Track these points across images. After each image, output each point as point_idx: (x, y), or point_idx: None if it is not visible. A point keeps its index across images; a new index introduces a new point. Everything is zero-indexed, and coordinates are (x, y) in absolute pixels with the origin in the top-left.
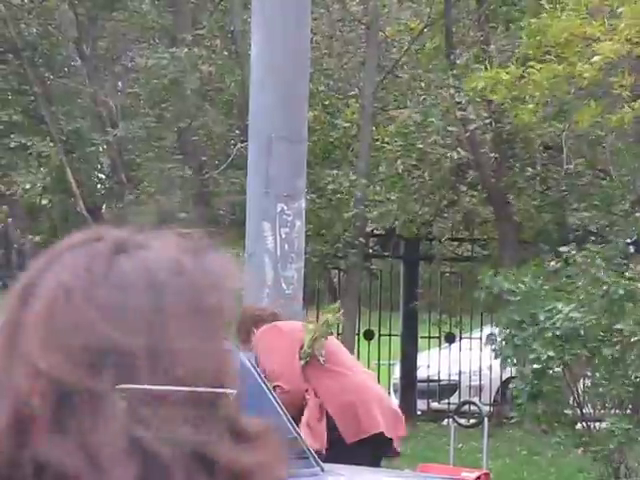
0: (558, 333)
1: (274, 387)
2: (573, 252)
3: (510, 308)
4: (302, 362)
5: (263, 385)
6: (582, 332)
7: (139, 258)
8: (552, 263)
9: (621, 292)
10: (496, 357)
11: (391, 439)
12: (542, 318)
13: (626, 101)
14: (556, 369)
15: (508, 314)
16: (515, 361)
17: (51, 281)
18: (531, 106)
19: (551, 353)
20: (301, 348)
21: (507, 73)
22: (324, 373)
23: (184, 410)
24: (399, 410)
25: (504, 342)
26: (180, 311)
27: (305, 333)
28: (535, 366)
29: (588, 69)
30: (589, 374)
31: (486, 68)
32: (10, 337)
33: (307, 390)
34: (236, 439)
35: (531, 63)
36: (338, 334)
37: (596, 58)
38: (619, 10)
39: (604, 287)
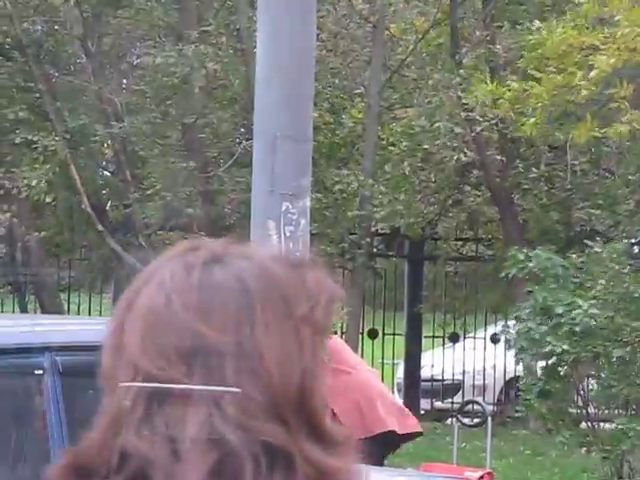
0: (577, 329)
1: None
2: (597, 249)
3: (539, 289)
4: None
5: None
6: (599, 330)
7: (232, 267)
8: (574, 256)
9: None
10: (509, 348)
11: (398, 437)
12: (560, 312)
13: (624, 113)
14: (565, 368)
15: (542, 294)
16: (531, 353)
17: (152, 288)
18: (532, 120)
19: (566, 347)
20: None
21: (509, 90)
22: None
23: (266, 408)
24: (404, 407)
25: (519, 334)
26: (269, 317)
27: None
28: (545, 363)
29: (585, 85)
30: (594, 373)
31: (489, 79)
32: (117, 339)
33: None
34: (319, 441)
35: (531, 73)
36: (342, 333)
37: (593, 73)
38: (616, 18)
39: (625, 284)
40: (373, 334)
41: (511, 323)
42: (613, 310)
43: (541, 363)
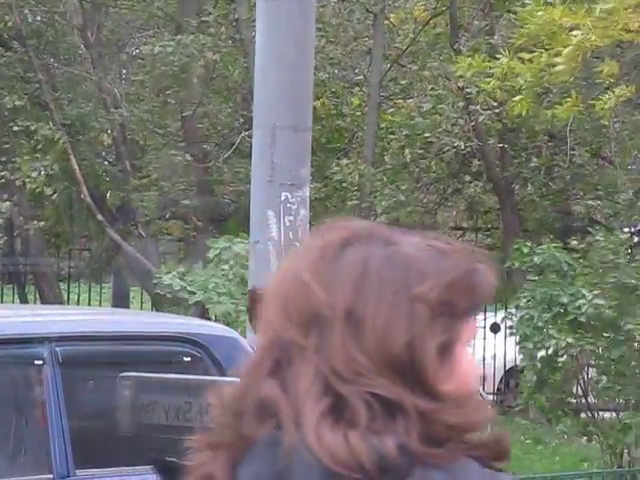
0: (582, 319)
1: None
2: (600, 237)
3: (539, 282)
4: None
5: None
6: (603, 321)
7: (362, 249)
8: (575, 242)
9: (633, 282)
10: (512, 335)
11: None
12: (565, 301)
13: (609, 88)
14: (564, 358)
15: (539, 287)
16: (534, 340)
17: (294, 259)
18: (518, 97)
19: (570, 340)
20: None
21: (499, 66)
22: None
23: (371, 367)
24: None
25: (521, 321)
26: (383, 292)
27: None
28: (543, 354)
29: (560, 61)
30: (593, 362)
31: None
32: (261, 308)
33: None
34: (432, 397)
35: (521, 55)
36: None
37: (566, 50)
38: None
39: (617, 273)
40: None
41: (513, 310)
42: (612, 300)
43: (541, 352)
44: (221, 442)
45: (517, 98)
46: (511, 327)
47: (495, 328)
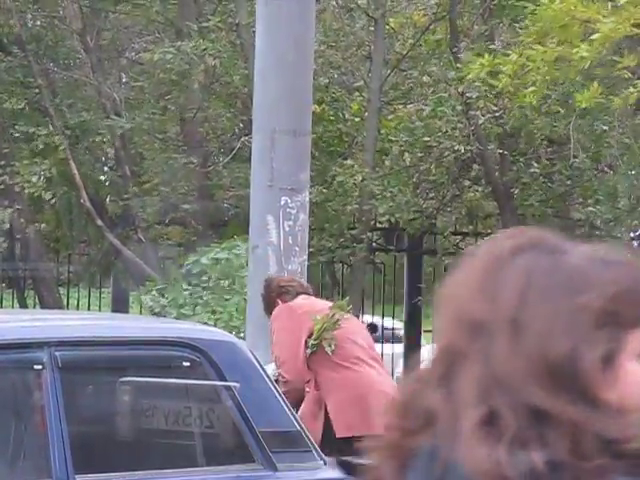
0: None
1: (277, 375)
2: None
3: None
4: (308, 351)
5: (265, 377)
6: None
7: (527, 258)
8: None
9: None
10: None
11: None
12: None
13: (629, 83)
14: None
15: None
16: None
17: (460, 273)
18: (532, 88)
19: None
20: (310, 336)
21: (509, 62)
22: (329, 365)
23: (528, 373)
24: None
25: None
26: (545, 300)
27: (314, 323)
28: None
29: (587, 48)
30: None
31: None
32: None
33: (309, 381)
34: (589, 404)
35: (534, 47)
36: None
37: (595, 36)
38: None
39: None
40: (372, 329)
41: None
42: None
43: None
44: (389, 446)
45: (530, 89)
46: None
47: None
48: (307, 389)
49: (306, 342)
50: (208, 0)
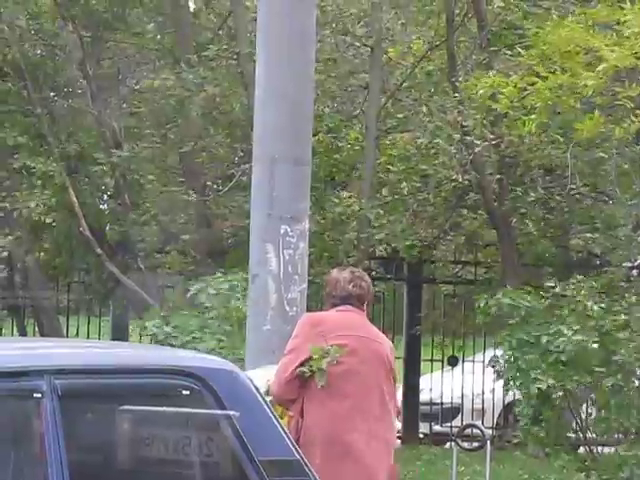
0: (563, 358)
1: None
2: (556, 289)
3: (514, 327)
4: (306, 372)
5: (265, 406)
6: (585, 358)
7: None
8: (544, 297)
9: (608, 327)
10: (498, 378)
11: None
12: (544, 341)
13: (631, 113)
14: (556, 396)
15: (514, 333)
16: (518, 383)
17: None
18: (533, 116)
19: (551, 381)
20: (311, 358)
21: (509, 84)
22: (318, 394)
23: None
24: (375, 463)
25: (507, 364)
26: None
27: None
28: (538, 388)
29: (592, 76)
30: (593, 396)
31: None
32: None
33: (294, 401)
34: None
35: (537, 69)
36: None
37: (600, 67)
38: (624, 19)
39: (592, 322)
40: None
41: (499, 352)
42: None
43: (532, 390)
44: None
45: (532, 117)
46: (498, 372)
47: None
48: (291, 413)
49: (304, 363)
50: (205, 29)
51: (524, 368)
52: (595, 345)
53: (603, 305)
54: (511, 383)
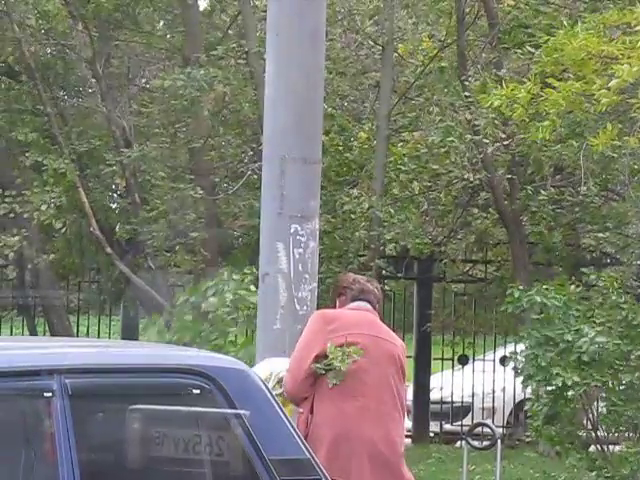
0: (585, 359)
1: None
2: (593, 276)
3: (538, 325)
4: (322, 370)
5: (275, 405)
6: (606, 357)
7: None
8: (572, 287)
9: (638, 320)
10: (517, 375)
11: None
12: (569, 339)
13: None
14: (572, 392)
15: (538, 330)
16: (538, 379)
17: None
18: (547, 123)
19: (576, 378)
20: (326, 357)
21: (524, 90)
22: (329, 392)
23: None
24: (394, 458)
25: (527, 361)
26: None
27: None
28: (551, 388)
29: (605, 94)
30: (604, 395)
31: (500, 86)
32: None
33: (306, 398)
34: None
35: (549, 80)
36: None
37: (613, 82)
38: (637, 28)
39: (623, 313)
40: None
41: (519, 348)
42: (619, 337)
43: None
44: None
45: (545, 123)
46: (516, 369)
47: (504, 361)
48: (300, 410)
49: (318, 359)
50: (213, 28)
51: (544, 365)
52: (617, 342)
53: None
54: (530, 380)
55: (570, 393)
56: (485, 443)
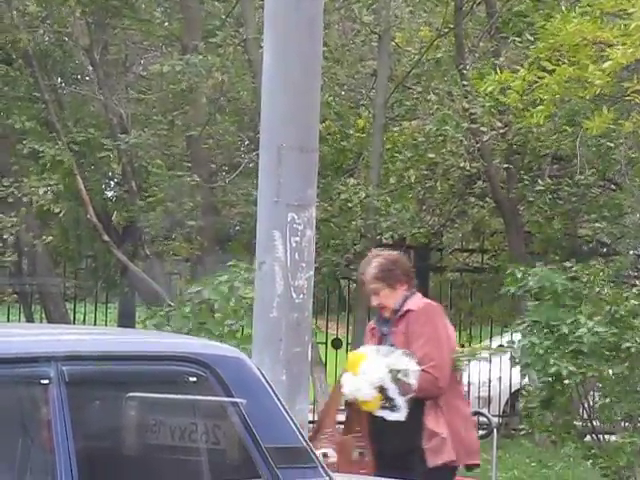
0: (584, 349)
1: (423, 371)
2: (575, 268)
3: (539, 307)
4: (461, 363)
5: (272, 393)
6: (598, 348)
7: None
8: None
9: (622, 312)
10: (515, 364)
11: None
12: (566, 331)
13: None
14: (567, 381)
15: (539, 314)
16: (537, 368)
17: None
18: (541, 107)
19: (572, 368)
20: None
21: (519, 78)
22: (458, 388)
23: None
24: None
25: (525, 349)
26: None
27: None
28: (556, 372)
29: (599, 75)
30: (600, 385)
31: (496, 73)
32: None
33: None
34: None
35: (544, 64)
36: (347, 344)
37: (607, 64)
38: (631, 11)
39: (607, 307)
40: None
41: (515, 338)
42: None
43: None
44: None
45: (539, 108)
46: (513, 358)
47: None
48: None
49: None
50: (211, 15)
51: (541, 354)
52: (614, 331)
53: (617, 290)
54: (528, 369)
55: (566, 382)
56: (481, 432)
